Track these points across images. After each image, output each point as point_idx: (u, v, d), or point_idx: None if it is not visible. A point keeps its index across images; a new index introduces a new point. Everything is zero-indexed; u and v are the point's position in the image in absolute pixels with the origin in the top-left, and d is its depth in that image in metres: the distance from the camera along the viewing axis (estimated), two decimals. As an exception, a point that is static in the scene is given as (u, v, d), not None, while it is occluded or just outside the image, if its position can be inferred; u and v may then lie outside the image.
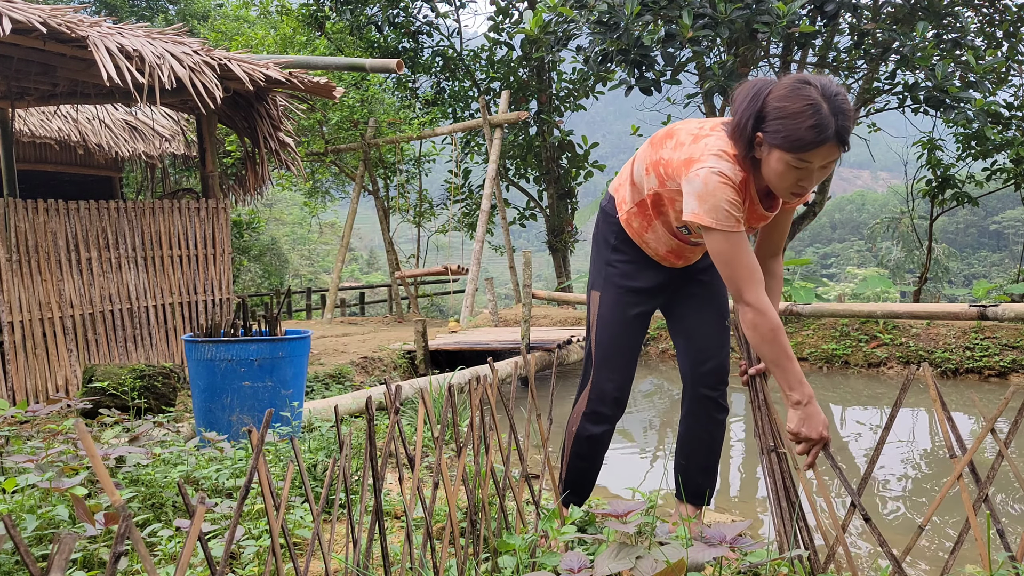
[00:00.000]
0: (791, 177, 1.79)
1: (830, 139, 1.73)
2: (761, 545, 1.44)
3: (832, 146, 1.74)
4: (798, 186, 1.82)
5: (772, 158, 1.79)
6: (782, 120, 1.75)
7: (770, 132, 1.77)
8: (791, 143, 1.74)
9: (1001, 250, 43.76)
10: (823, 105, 1.72)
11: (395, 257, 11.29)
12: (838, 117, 1.73)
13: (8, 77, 5.08)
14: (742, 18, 6.71)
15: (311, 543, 1.46)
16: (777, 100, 1.76)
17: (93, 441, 1.68)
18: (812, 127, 1.72)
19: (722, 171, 1.86)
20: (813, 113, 1.72)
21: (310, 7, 12.39)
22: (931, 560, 2.64)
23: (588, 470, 2.44)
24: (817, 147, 1.73)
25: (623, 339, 2.28)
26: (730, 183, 1.85)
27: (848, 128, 1.75)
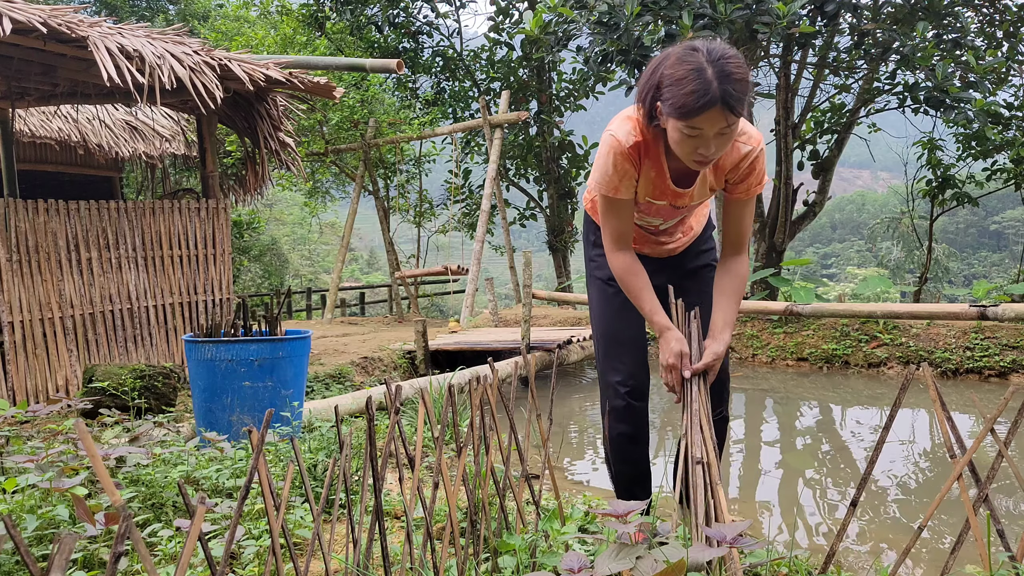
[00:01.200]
0: (688, 145, 1.78)
1: (713, 103, 1.69)
2: (761, 545, 1.44)
3: (718, 111, 1.70)
4: (697, 154, 1.80)
5: (669, 126, 1.80)
6: (670, 87, 1.74)
7: (663, 100, 1.77)
8: (677, 109, 1.73)
9: (1001, 250, 43.75)
10: (707, 69, 1.69)
11: (395, 257, 11.29)
12: (722, 81, 1.69)
13: (8, 77, 5.08)
14: (742, 18, 6.71)
15: (311, 543, 1.46)
16: (667, 67, 1.76)
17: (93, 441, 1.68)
18: (693, 91, 1.69)
19: (615, 133, 1.93)
20: (696, 78, 1.69)
21: (310, 7, 12.39)
22: (931, 560, 2.64)
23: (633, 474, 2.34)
24: (701, 112, 1.70)
25: (615, 327, 2.29)
26: (619, 147, 1.92)
27: (733, 92, 1.70)
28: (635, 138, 1.92)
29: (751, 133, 1.96)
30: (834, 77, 9.55)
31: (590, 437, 4.84)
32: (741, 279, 2.11)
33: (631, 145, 1.92)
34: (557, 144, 12.66)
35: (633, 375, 2.28)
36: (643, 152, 1.95)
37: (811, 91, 9.48)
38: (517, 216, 13.33)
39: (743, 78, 1.72)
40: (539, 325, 8.62)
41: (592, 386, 6.60)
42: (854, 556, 2.70)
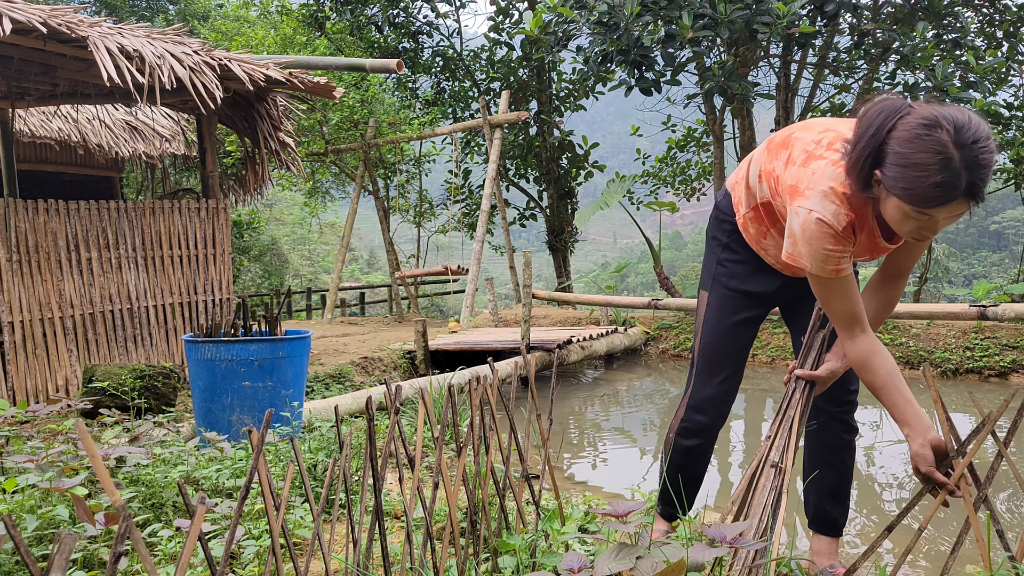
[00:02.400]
0: (910, 224, 1.56)
1: (958, 197, 1.46)
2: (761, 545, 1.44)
3: (962, 202, 1.48)
4: (919, 233, 1.58)
5: (890, 203, 1.55)
6: (903, 168, 1.48)
7: (888, 176, 1.51)
8: (912, 198, 1.49)
9: (1001, 250, 43.75)
10: (954, 156, 1.43)
11: (395, 257, 11.30)
12: (972, 172, 1.44)
13: (8, 77, 5.08)
14: (742, 18, 6.71)
15: (311, 543, 1.46)
16: (900, 143, 1.49)
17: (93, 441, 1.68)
18: (938, 184, 1.45)
19: (824, 217, 1.65)
20: (941, 168, 1.44)
21: (310, 7, 12.39)
22: (931, 560, 2.64)
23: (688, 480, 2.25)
24: (943, 204, 1.48)
25: (728, 344, 2.12)
26: (831, 231, 1.65)
27: (983, 184, 1.46)
28: (847, 217, 1.66)
29: None
30: (834, 77, 9.56)
31: (590, 437, 4.85)
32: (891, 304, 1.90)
33: (844, 226, 1.66)
34: (557, 144, 12.66)
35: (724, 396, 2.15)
36: (856, 226, 1.70)
37: (811, 91, 9.48)
38: (517, 216, 13.33)
39: (993, 161, 1.48)
40: (539, 325, 8.62)
41: (592, 386, 6.60)
42: (854, 556, 2.70)
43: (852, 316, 1.75)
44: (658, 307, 7.63)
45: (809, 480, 2.18)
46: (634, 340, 7.92)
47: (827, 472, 2.14)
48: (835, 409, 2.11)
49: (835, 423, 2.12)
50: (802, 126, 1.86)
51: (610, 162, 15.04)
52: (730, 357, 2.14)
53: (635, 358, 7.97)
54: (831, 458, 2.14)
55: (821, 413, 2.14)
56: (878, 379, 1.73)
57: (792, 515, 3.22)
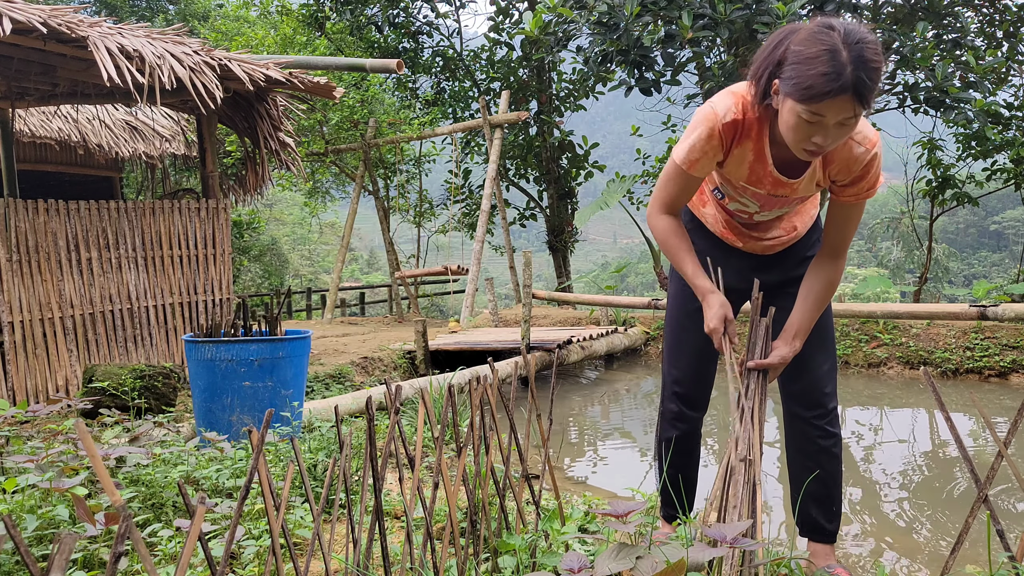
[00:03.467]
0: (803, 131, 1.63)
1: (844, 90, 1.53)
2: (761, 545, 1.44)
3: (846, 99, 1.55)
4: (811, 143, 1.65)
5: (785, 108, 1.65)
6: (796, 65, 1.59)
7: (784, 78, 1.62)
8: (801, 91, 1.57)
9: (1001, 250, 43.74)
10: (842, 52, 1.53)
11: (395, 257, 11.30)
12: (857, 66, 1.53)
13: (8, 77, 5.08)
14: (742, 18, 6.71)
15: (311, 543, 1.46)
16: (795, 42, 1.61)
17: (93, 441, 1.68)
18: (824, 74, 1.53)
19: (714, 105, 1.79)
20: (829, 59, 1.53)
21: (310, 7, 12.39)
22: (931, 560, 2.64)
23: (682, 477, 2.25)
24: (828, 97, 1.55)
25: (685, 331, 2.15)
26: (714, 120, 1.78)
27: (866, 80, 1.54)
28: (734, 115, 1.77)
29: (867, 133, 1.77)
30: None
31: (590, 437, 4.85)
32: (831, 285, 1.93)
33: (728, 122, 1.77)
34: (557, 144, 12.66)
35: (688, 382, 2.17)
36: (740, 132, 1.81)
37: (811, 91, 9.47)
38: (517, 216, 13.34)
39: (879, 67, 1.56)
40: (539, 325, 8.62)
41: (592, 386, 6.60)
42: (854, 556, 2.70)
43: (674, 201, 1.96)
44: (658, 307, 7.63)
45: (792, 487, 2.18)
46: (634, 340, 7.92)
47: (811, 480, 2.12)
48: (808, 414, 2.10)
49: (810, 428, 2.10)
50: None
51: (610, 162, 15.03)
52: (692, 344, 2.16)
53: (635, 358, 7.97)
54: (810, 464, 2.12)
55: (796, 419, 2.13)
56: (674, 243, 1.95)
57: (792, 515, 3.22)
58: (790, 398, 2.13)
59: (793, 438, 2.15)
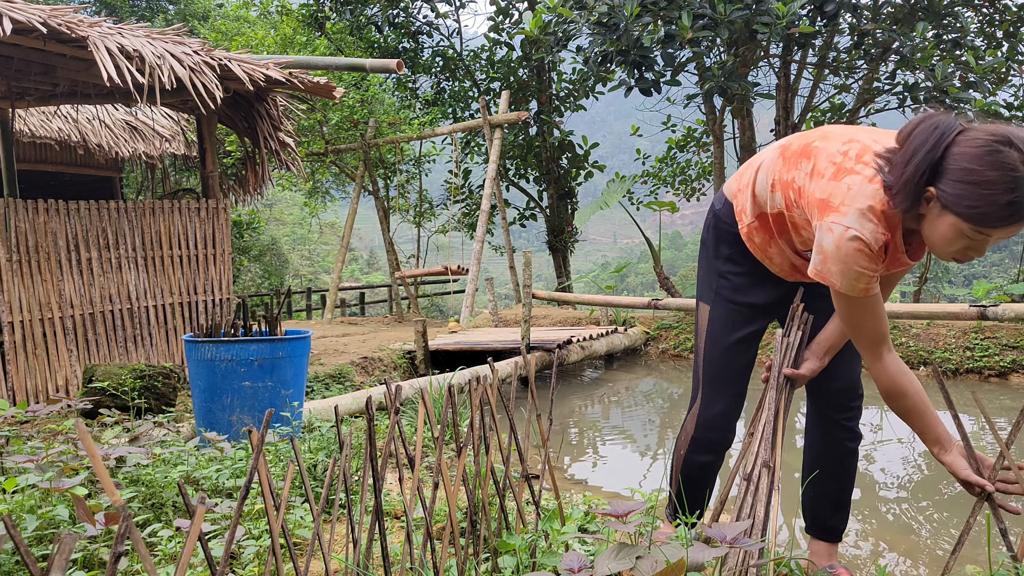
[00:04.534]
0: (960, 243, 1.51)
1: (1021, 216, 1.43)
2: (761, 545, 1.44)
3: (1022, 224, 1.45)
4: (964, 253, 1.53)
5: (943, 221, 1.50)
6: (968, 186, 1.43)
7: (949, 193, 1.46)
8: (975, 214, 1.44)
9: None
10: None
11: (395, 257, 11.30)
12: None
13: (8, 77, 5.08)
14: (741, 19, 6.71)
15: (311, 543, 1.46)
16: (965, 159, 1.45)
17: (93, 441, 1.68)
18: (1008, 204, 1.41)
19: (862, 235, 1.58)
20: (1011, 188, 1.40)
21: (310, 7, 12.39)
22: (931, 560, 2.64)
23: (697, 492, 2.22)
24: (1006, 224, 1.44)
25: (733, 360, 2.09)
26: (867, 250, 1.58)
27: None
28: (884, 236, 1.60)
29: None
30: (834, 77, 9.56)
31: (590, 437, 4.85)
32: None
33: (880, 247, 1.61)
34: (557, 144, 12.66)
35: (731, 411, 2.12)
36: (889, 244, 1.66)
37: (811, 91, 9.48)
38: (517, 216, 13.34)
39: None
40: (539, 325, 8.62)
41: (592, 386, 6.60)
42: (854, 556, 2.70)
43: (880, 335, 1.72)
44: (658, 307, 7.63)
45: (807, 485, 2.15)
46: (634, 340, 7.92)
47: (828, 479, 2.11)
48: (839, 416, 2.08)
49: (839, 431, 2.09)
50: (821, 134, 1.78)
51: (610, 162, 15.04)
52: (736, 373, 2.09)
53: (635, 358, 7.97)
54: (834, 465, 2.11)
55: (826, 420, 2.11)
56: (909, 402, 1.73)
57: (791, 515, 3.22)
58: (823, 400, 2.10)
59: (820, 439, 2.13)
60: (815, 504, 2.16)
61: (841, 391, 2.05)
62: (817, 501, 2.15)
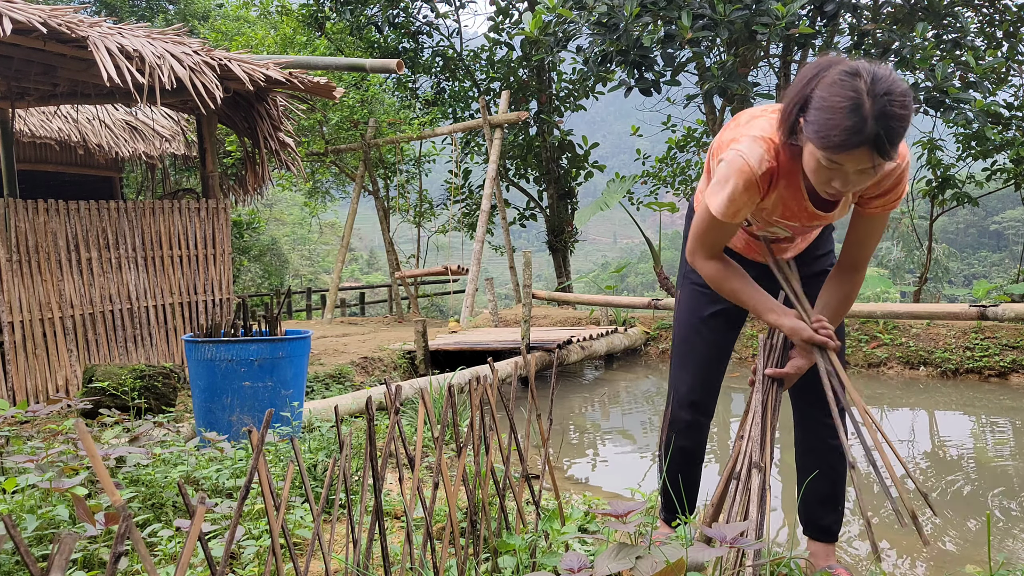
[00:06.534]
0: (823, 175, 1.62)
1: (863, 144, 1.51)
2: (761, 545, 1.44)
3: (866, 151, 1.52)
4: (831, 186, 1.63)
5: (807, 150, 1.63)
6: (819, 111, 1.54)
7: (807, 122, 1.59)
8: (821, 139, 1.54)
9: (1001, 250, 43.73)
10: (865, 104, 1.49)
11: (395, 257, 11.30)
12: (879, 120, 1.49)
13: (8, 77, 5.08)
14: (741, 19, 6.71)
15: (311, 543, 1.46)
16: (821, 89, 1.56)
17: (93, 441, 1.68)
18: (845, 128, 1.50)
19: (746, 157, 1.72)
20: (851, 111, 1.49)
21: (310, 7, 12.39)
22: (931, 560, 2.64)
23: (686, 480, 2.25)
24: (846, 149, 1.52)
25: (697, 339, 2.15)
26: (750, 172, 1.72)
27: (889, 136, 1.50)
28: (769, 164, 1.73)
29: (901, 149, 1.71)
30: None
31: (590, 437, 4.85)
32: (848, 299, 1.91)
33: (763, 172, 1.73)
34: (557, 144, 12.66)
35: (699, 389, 2.15)
36: (776, 177, 1.78)
37: (811, 91, 9.46)
38: (517, 216, 13.33)
39: (904, 120, 1.52)
40: (539, 325, 8.62)
41: (592, 386, 6.60)
42: (854, 556, 2.70)
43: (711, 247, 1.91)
44: (658, 307, 7.63)
45: (800, 486, 2.16)
46: (634, 340, 7.92)
47: (817, 478, 2.12)
48: (820, 414, 2.08)
49: (821, 428, 2.10)
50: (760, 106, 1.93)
51: (610, 162, 15.04)
52: (703, 352, 2.15)
53: (635, 358, 7.97)
54: (820, 464, 2.12)
55: (806, 418, 2.13)
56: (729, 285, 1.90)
57: (792, 515, 3.23)
58: (804, 400, 2.12)
59: (803, 438, 2.15)
60: (807, 504, 2.17)
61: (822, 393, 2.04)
62: (809, 501, 2.16)
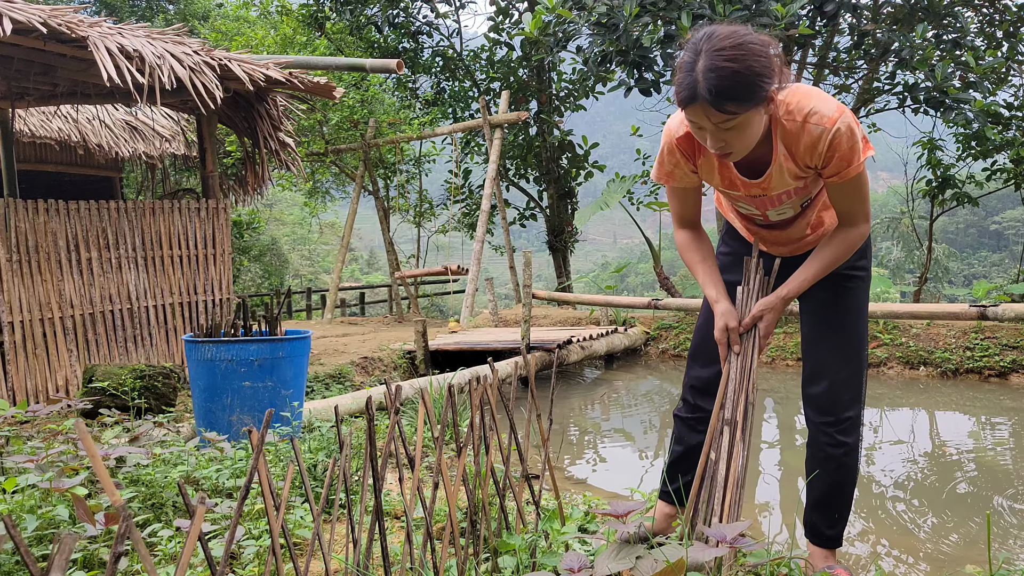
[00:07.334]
0: (696, 134, 1.70)
1: (694, 99, 1.57)
2: (761, 545, 1.44)
3: (701, 106, 1.57)
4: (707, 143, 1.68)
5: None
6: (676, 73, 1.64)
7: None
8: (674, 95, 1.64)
9: (1001, 250, 43.73)
10: (694, 60, 1.57)
11: (395, 257, 11.29)
12: (708, 75, 1.54)
13: (8, 77, 5.08)
14: (741, 19, 6.70)
15: (311, 543, 1.46)
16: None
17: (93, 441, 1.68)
18: (680, 84, 1.60)
19: (670, 121, 1.89)
20: (686, 68, 1.58)
21: (310, 7, 12.39)
22: (931, 560, 2.64)
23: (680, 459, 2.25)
24: (685, 105, 1.60)
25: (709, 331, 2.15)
26: (669, 138, 1.88)
27: (717, 89, 1.54)
28: (687, 128, 1.83)
29: (824, 111, 1.70)
30: (834, 77, 9.55)
31: (590, 437, 4.85)
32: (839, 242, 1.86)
33: (681, 135, 1.85)
34: (557, 144, 12.66)
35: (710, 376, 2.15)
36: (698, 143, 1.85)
37: (811, 91, 9.46)
38: (517, 216, 13.33)
39: (735, 72, 1.54)
40: (539, 325, 8.62)
41: (592, 386, 6.60)
42: (854, 556, 2.70)
43: (680, 218, 2.06)
44: (658, 307, 7.63)
45: (807, 488, 2.16)
46: (634, 340, 7.92)
47: (816, 482, 2.11)
48: (819, 419, 2.07)
49: (820, 434, 2.09)
50: None
51: (610, 162, 15.03)
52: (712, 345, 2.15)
53: (635, 358, 7.97)
54: (817, 467, 2.11)
55: (809, 423, 2.12)
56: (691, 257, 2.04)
57: (791, 516, 3.22)
58: (806, 402, 2.11)
59: (808, 442, 2.15)
60: (808, 509, 2.16)
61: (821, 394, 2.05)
62: (809, 506, 2.16)
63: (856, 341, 2.05)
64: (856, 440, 2.07)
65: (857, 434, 2.07)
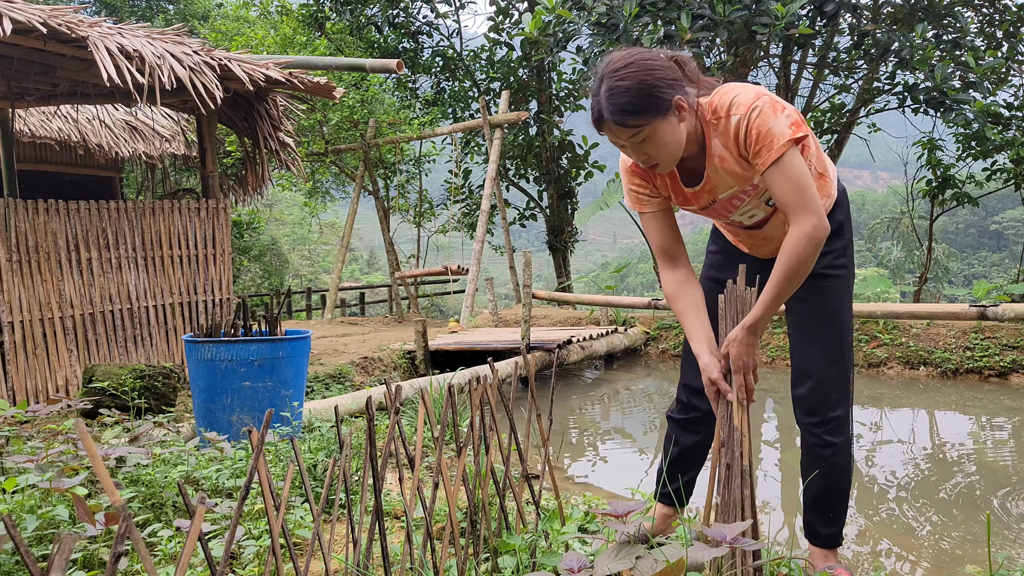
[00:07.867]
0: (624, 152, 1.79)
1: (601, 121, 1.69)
2: (761, 545, 1.44)
3: (610, 127, 1.69)
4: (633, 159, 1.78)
5: None
6: None
7: None
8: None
9: (1001, 250, 43.74)
10: (600, 86, 1.68)
11: (395, 257, 11.29)
12: (608, 97, 1.66)
13: (8, 77, 5.08)
14: (741, 19, 6.70)
15: (311, 543, 1.46)
16: None
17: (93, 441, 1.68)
18: (590, 109, 1.72)
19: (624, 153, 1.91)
20: (592, 94, 1.70)
21: (310, 7, 12.39)
22: (931, 560, 2.64)
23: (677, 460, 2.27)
24: (599, 127, 1.71)
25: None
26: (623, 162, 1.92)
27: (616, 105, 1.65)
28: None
29: (741, 101, 1.70)
30: (834, 77, 9.55)
31: (590, 437, 4.85)
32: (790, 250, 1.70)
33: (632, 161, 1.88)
34: (557, 144, 12.66)
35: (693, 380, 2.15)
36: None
37: (811, 91, 9.47)
38: (517, 216, 13.33)
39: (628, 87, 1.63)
40: (539, 325, 8.62)
41: (592, 386, 6.60)
42: (854, 556, 2.70)
43: (658, 250, 1.98)
44: (658, 307, 7.63)
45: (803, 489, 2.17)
46: (634, 340, 7.92)
47: (811, 486, 2.11)
48: (806, 420, 2.07)
49: (808, 435, 2.09)
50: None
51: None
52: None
53: (635, 358, 7.97)
54: (811, 469, 2.11)
55: (799, 424, 2.13)
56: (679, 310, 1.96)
57: (791, 516, 3.23)
58: (794, 403, 2.11)
59: (802, 444, 2.15)
60: (805, 510, 2.16)
61: (807, 395, 2.04)
62: (805, 504, 2.16)
63: (839, 340, 2.03)
64: (845, 440, 2.06)
65: (846, 434, 2.06)
